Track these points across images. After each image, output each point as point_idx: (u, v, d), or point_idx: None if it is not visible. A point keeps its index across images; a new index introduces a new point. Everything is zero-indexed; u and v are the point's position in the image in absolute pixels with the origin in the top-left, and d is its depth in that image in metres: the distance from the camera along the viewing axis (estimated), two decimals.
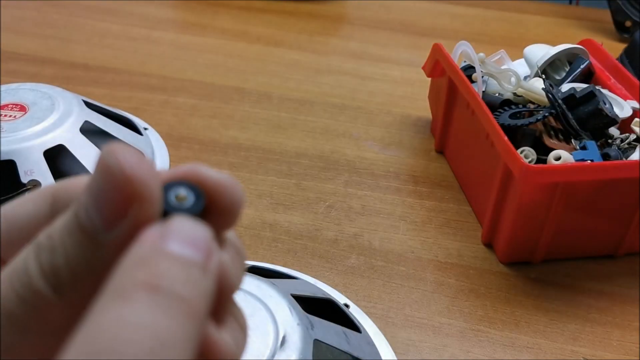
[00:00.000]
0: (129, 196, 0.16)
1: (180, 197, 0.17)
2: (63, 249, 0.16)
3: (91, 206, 0.16)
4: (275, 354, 0.34)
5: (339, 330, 0.41)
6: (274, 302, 0.37)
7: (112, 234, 0.16)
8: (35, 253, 0.17)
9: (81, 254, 0.16)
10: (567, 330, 0.49)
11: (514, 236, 0.52)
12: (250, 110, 0.74)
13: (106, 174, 0.16)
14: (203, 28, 0.92)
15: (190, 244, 0.16)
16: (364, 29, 0.95)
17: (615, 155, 0.52)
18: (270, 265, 0.51)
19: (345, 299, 0.50)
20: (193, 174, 0.18)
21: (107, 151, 0.16)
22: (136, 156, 0.16)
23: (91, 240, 0.16)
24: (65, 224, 0.17)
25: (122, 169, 0.16)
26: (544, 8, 1.04)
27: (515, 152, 0.48)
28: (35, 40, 0.86)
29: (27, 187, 0.51)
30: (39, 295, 0.16)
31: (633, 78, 0.61)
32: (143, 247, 0.16)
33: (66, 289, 0.16)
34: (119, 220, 0.16)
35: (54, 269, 0.16)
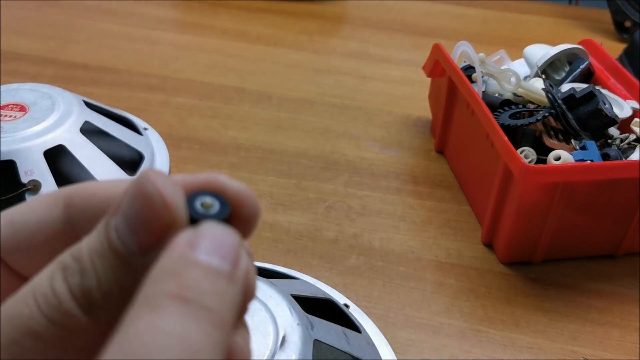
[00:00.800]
0: (169, 224, 0.16)
1: (206, 204, 0.17)
2: (94, 272, 0.17)
3: (127, 232, 0.16)
4: (275, 354, 0.34)
5: (339, 331, 0.41)
6: (274, 303, 0.37)
7: (147, 258, 0.17)
8: (63, 275, 0.17)
9: (113, 277, 0.16)
10: (567, 330, 0.49)
11: (514, 236, 0.52)
12: (250, 110, 0.74)
13: (144, 201, 0.16)
14: (203, 28, 0.92)
15: (218, 253, 0.16)
16: (364, 29, 0.95)
17: (615, 155, 0.52)
18: (270, 266, 0.51)
19: (345, 299, 0.50)
20: (214, 182, 0.18)
21: (143, 178, 0.16)
22: (170, 182, 0.17)
23: (124, 264, 0.16)
24: (95, 246, 0.17)
25: (161, 196, 0.16)
26: (544, 8, 1.04)
27: (515, 152, 0.48)
28: (35, 40, 0.86)
29: (27, 187, 0.51)
30: (70, 316, 0.16)
31: (633, 78, 0.61)
32: (172, 256, 0.16)
33: (98, 311, 0.16)
34: (155, 244, 0.16)
35: (84, 292, 0.16)
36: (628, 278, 0.54)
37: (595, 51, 0.66)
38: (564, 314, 0.50)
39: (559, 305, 0.51)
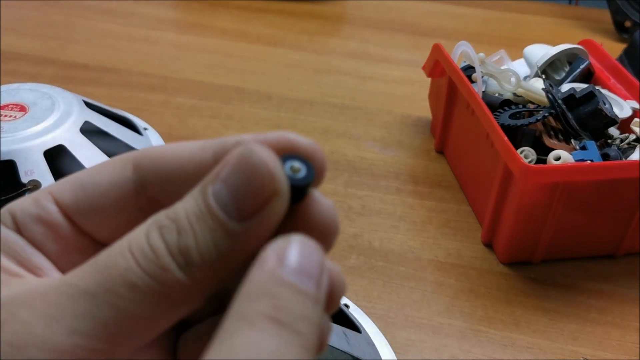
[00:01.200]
0: (271, 193, 0.17)
1: (294, 168, 0.18)
2: (192, 232, 0.17)
3: (228, 199, 0.17)
4: None
5: (339, 331, 0.41)
6: None
7: (245, 225, 0.17)
8: (159, 232, 0.18)
9: (211, 239, 0.17)
10: (567, 330, 0.49)
11: (514, 236, 0.52)
12: (250, 110, 0.74)
13: (250, 172, 0.17)
14: (203, 28, 0.92)
15: (306, 273, 0.17)
16: (364, 29, 0.95)
17: (615, 155, 0.52)
18: None
19: (345, 299, 0.50)
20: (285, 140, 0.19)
21: (249, 149, 0.17)
22: (272, 154, 0.18)
23: (222, 228, 0.17)
24: (193, 210, 0.18)
25: (267, 168, 0.17)
26: (544, 8, 1.04)
27: (515, 152, 0.48)
28: (35, 40, 0.86)
29: (27, 187, 0.51)
30: (166, 270, 0.17)
31: (633, 78, 0.61)
32: (264, 273, 0.17)
33: (194, 270, 0.17)
34: (255, 213, 0.17)
35: (181, 249, 0.17)
36: (628, 278, 0.54)
37: (595, 51, 0.66)
38: (564, 314, 0.50)
39: (559, 305, 0.51)
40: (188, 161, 0.20)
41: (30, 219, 0.20)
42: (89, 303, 0.17)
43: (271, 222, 0.18)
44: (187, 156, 0.20)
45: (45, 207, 0.20)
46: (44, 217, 0.20)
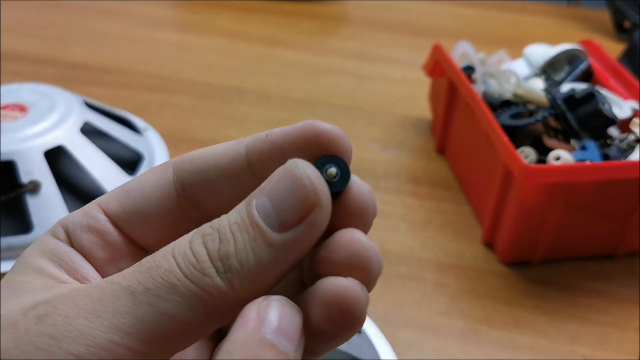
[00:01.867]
0: (313, 205, 0.18)
1: (331, 174, 0.19)
2: (233, 240, 0.18)
3: (271, 208, 0.18)
4: None
5: None
6: None
7: (285, 235, 0.18)
8: (202, 239, 0.18)
9: (250, 247, 0.18)
10: (567, 330, 0.49)
11: (514, 236, 0.53)
12: (250, 110, 0.74)
13: (293, 183, 0.18)
14: (203, 28, 0.92)
15: (285, 335, 0.18)
16: (364, 29, 0.95)
17: (615, 155, 0.52)
18: None
19: None
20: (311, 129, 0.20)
21: (294, 163, 0.19)
22: (314, 168, 0.19)
23: (263, 238, 0.18)
24: (236, 219, 0.18)
25: (311, 182, 0.18)
26: (544, 8, 1.04)
27: (515, 152, 0.48)
28: (35, 40, 0.86)
29: (27, 188, 0.51)
30: (205, 275, 0.18)
31: (632, 78, 0.61)
32: (245, 334, 0.17)
33: (233, 278, 0.18)
34: (296, 225, 0.18)
35: (221, 255, 0.18)
36: (628, 278, 0.54)
37: (595, 51, 0.66)
38: (564, 314, 0.50)
39: (559, 305, 0.51)
40: (222, 157, 0.21)
41: (80, 229, 0.21)
42: (129, 301, 0.17)
43: (313, 234, 0.18)
44: (221, 153, 0.21)
45: (94, 217, 0.21)
46: (94, 225, 0.21)
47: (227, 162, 0.21)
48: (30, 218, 0.50)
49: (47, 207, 0.51)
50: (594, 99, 0.53)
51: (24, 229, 0.51)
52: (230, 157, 0.21)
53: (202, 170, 0.21)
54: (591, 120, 0.54)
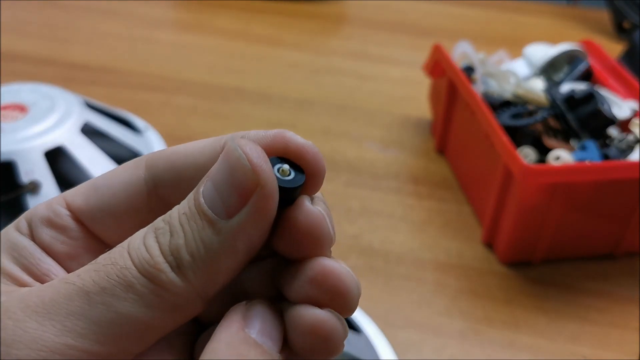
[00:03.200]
0: (253, 184, 0.17)
1: (283, 171, 0.18)
2: (182, 232, 0.18)
3: (214, 195, 0.18)
4: None
5: None
6: None
7: (232, 221, 0.17)
8: (155, 234, 0.18)
9: (199, 237, 0.17)
10: (567, 330, 0.49)
11: (514, 236, 0.53)
12: (250, 110, 0.74)
13: (232, 164, 0.17)
14: (203, 28, 0.92)
15: (268, 335, 0.18)
16: (364, 29, 0.95)
17: (615, 155, 0.52)
18: None
19: None
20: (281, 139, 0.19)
21: (233, 146, 0.18)
22: (256, 148, 0.18)
23: (211, 226, 0.17)
24: (184, 210, 0.18)
25: (250, 160, 0.17)
26: (544, 9, 1.04)
27: (515, 152, 0.48)
28: (35, 41, 0.86)
29: (27, 188, 0.51)
30: (159, 270, 0.17)
31: (632, 79, 0.61)
32: (230, 334, 0.17)
33: (187, 271, 0.17)
34: (240, 208, 0.17)
35: (172, 249, 0.17)
36: (628, 278, 0.54)
37: (594, 52, 0.66)
38: (564, 314, 0.50)
39: (559, 305, 0.51)
40: (200, 154, 0.20)
41: (41, 223, 0.20)
42: (83, 302, 0.17)
43: (259, 219, 0.18)
44: (199, 150, 0.20)
45: (55, 210, 0.20)
46: (54, 220, 0.20)
47: (205, 160, 0.20)
48: None
49: None
50: (594, 99, 0.53)
51: None
52: (208, 155, 0.20)
53: (178, 167, 0.20)
54: (591, 120, 0.54)
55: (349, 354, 0.41)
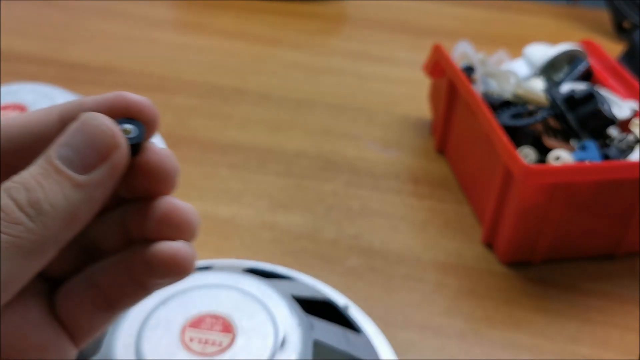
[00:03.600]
0: (113, 146, 0.21)
1: (126, 130, 0.22)
2: (40, 187, 0.20)
3: (73, 154, 0.21)
4: (275, 355, 0.34)
5: (339, 331, 0.41)
6: (274, 303, 0.37)
7: (90, 175, 0.21)
8: (7, 192, 0.20)
9: (59, 191, 0.20)
10: (567, 330, 0.49)
11: (514, 236, 0.53)
12: (250, 110, 0.74)
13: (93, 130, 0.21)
14: (203, 28, 0.92)
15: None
16: (364, 29, 0.95)
17: (615, 155, 0.52)
18: (270, 266, 0.52)
19: (346, 299, 0.50)
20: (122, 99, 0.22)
21: (90, 115, 0.21)
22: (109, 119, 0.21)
23: (69, 181, 0.20)
24: (39, 171, 0.20)
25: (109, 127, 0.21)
26: (544, 8, 1.04)
27: (515, 152, 0.48)
28: (35, 40, 0.86)
29: None
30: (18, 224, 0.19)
31: (632, 79, 0.61)
32: None
33: (46, 220, 0.20)
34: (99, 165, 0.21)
35: (31, 202, 0.20)
36: (628, 278, 0.54)
37: (594, 51, 0.66)
38: (564, 314, 0.50)
39: (559, 305, 0.51)
40: (37, 124, 0.23)
41: None
42: None
43: (114, 172, 0.21)
44: (35, 120, 0.23)
45: None
46: None
47: (41, 129, 0.22)
48: None
49: None
50: (594, 99, 0.53)
51: None
52: (45, 124, 0.23)
53: (15, 138, 0.22)
54: (591, 120, 0.54)
55: (349, 354, 0.41)
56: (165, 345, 0.34)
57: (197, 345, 0.34)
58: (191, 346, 0.34)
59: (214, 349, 0.34)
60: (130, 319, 0.35)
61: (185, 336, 0.35)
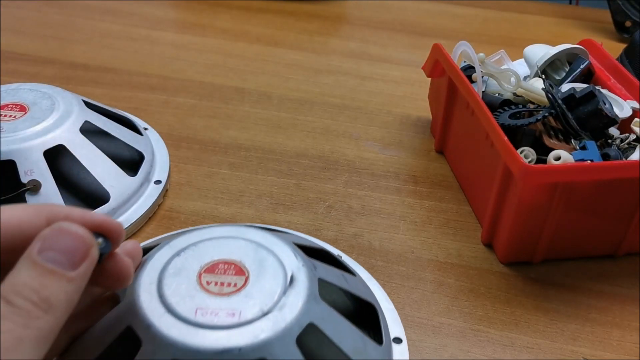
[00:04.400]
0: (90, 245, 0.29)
1: (98, 243, 0.30)
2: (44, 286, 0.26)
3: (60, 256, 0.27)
4: (286, 291, 0.38)
5: (337, 272, 0.44)
6: (279, 249, 0.40)
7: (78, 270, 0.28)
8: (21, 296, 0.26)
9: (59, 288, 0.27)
10: (567, 330, 0.49)
11: (514, 236, 0.52)
12: (250, 110, 0.74)
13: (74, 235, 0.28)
14: (203, 28, 0.92)
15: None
16: (364, 29, 0.95)
17: (615, 155, 0.52)
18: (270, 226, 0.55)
19: (338, 251, 0.54)
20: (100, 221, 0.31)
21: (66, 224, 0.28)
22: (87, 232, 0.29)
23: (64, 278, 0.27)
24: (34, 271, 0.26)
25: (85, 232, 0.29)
26: (544, 8, 1.04)
27: (515, 152, 0.48)
28: (35, 40, 0.86)
29: (27, 187, 0.51)
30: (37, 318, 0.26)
31: (633, 78, 0.61)
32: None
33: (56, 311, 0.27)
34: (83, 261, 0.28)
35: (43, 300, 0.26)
36: (628, 278, 0.54)
37: (595, 51, 0.66)
38: (564, 314, 0.50)
39: (559, 305, 0.51)
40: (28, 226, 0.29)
41: None
42: None
43: (93, 264, 0.29)
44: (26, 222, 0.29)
45: None
46: None
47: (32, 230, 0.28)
48: None
49: None
50: (594, 99, 0.53)
51: None
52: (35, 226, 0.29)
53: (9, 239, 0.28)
54: (591, 120, 0.54)
55: (349, 291, 0.44)
56: (185, 289, 0.37)
57: (214, 287, 0.37)
58: (209, 288, 0.37)
59: (230, 289, 0.37)
60: (147, 269, 0.38)
61: (202, 280, 0.38)
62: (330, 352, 0.39)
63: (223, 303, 0.36)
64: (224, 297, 0.37)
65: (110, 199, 0.54)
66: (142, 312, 0.35)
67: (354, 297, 0.45)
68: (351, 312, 0.44)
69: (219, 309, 0.36)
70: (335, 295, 0.44)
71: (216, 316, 0.36)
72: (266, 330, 0.35)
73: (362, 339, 0.40)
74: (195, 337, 0.34)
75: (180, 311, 0.36)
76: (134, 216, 0.55)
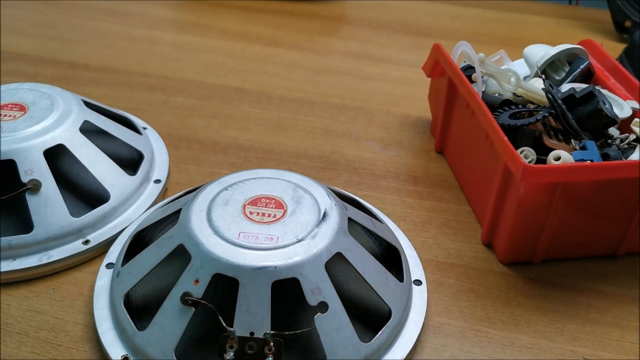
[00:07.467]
0: None
1: None
2: None
3: None
4: (320, 224, 0.44)
5: (366, 216, 0.50)
6: (314, 190, 0.47)
7: None
8: None
9: None
10: (567, 330, 0.49)
11: (514, 236, 0.52)
12: (250, 110, 0.74)
13: None
14: (203, 28, 0.92)
15: None
16: (364, 29, 0.95)
17: (615, 155, 0.52)
18: None
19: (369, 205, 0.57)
20: None
21: None
22: None
23: None
24: None
25: None
26: (544, 8, 1.04)
27: (515, 152, 0.48)
28: (35, 40, 0.86)
29: (27, 187, 0.51)
30: None
31: (632, 78, 0.61)
32: None
33: None
34: None
35: None
36: (628, 278, 0.54)
37: (595, 51, 0.66)
38: (564, 314, 0.50)
39: (559, 305, 0.51)
40: None
41: None
42: None
43: None
44: None
45: None
46: None
47: None
48: (31, 217, 0.50)
49: (47, 206, 0.51)
50: (594, 99, 0.53)
51: (24, 229, 0.51)
52: None
53: None
54: (591, 120, 0.54)
55: (375, 233, 0.49)
56: (230, 216, 0.43)
57: (256, 217, 0.44)
58: (252, 217, 0.43)
59: (270, 219, 0.43)
60: (199, 199, 0.45)
61: (246, 210, 0.44)
62: (354, 280, 0.46)
63: (263, 229, 0.42)
64: (264, 225, 0.43)
65: (110, 198, 0.54)
66: (193, 233, 0.42)
67: (380, 240, 0.50)
68: (376, 252, 0.51)
69: (259, 234, 0.42)
70: (364, 237, 0.51)
71: (256, 239, 0.41)
72: (299, 254, 0.41)
73: (385, 274, 0.45)
74: (237, 255, 0.40)
75: (225, 233, 0.41)
76: (134, 215, 0.55)
